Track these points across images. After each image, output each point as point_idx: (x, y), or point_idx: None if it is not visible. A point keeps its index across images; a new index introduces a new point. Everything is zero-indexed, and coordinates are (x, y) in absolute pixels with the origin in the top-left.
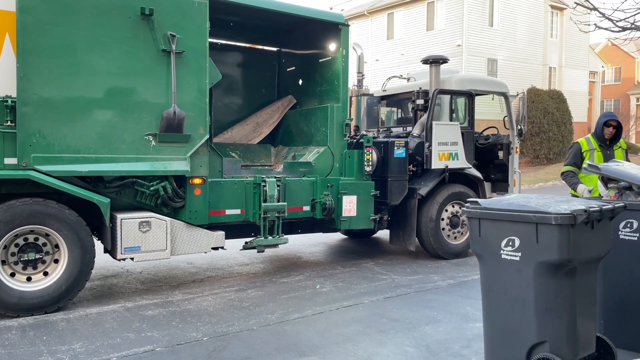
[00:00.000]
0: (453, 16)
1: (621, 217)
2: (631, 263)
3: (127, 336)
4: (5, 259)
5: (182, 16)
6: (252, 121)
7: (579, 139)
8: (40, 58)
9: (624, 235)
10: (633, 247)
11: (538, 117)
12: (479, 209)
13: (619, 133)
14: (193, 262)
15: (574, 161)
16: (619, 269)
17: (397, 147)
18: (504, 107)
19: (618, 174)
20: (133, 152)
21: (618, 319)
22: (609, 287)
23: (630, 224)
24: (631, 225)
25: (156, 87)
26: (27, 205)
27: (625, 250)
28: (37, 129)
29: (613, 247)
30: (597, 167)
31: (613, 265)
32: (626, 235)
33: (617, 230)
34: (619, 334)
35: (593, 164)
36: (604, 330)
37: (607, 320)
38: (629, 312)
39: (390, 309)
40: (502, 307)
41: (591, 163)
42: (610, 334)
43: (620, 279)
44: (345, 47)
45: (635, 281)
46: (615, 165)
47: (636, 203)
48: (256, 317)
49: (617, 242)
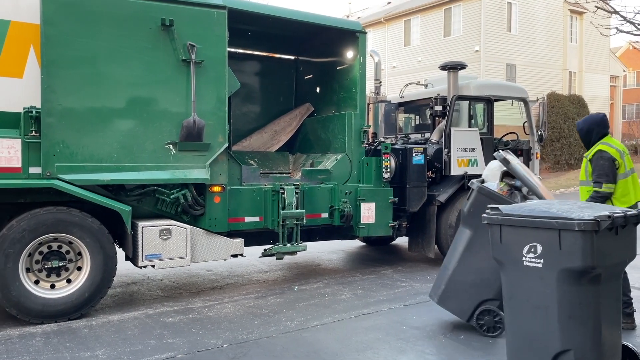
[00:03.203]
0: (470, 22)
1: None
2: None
3: (149, 343)
4: (30, 267)
5: (202, 26)
6: (270, 129)
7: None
8: (64, 69)
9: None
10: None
11: (558, 122)
12: (500, 215)
13: (584, 141)
14: (213, 270)
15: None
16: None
17: (416, 154)
18: (524, 112)
19: (519, 175)
20: (154, 160)
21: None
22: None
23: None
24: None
25: (176, 97)
26: (51, 213)
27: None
28: (60, 139)
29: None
30: (507, 160)
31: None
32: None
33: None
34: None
35: (507, 156)
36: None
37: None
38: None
39: (410, 316)
40: (524, 314)
41: (506, 154)
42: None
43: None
44: (362, 54)
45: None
46: (520, 166)
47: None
48: (275, 324)
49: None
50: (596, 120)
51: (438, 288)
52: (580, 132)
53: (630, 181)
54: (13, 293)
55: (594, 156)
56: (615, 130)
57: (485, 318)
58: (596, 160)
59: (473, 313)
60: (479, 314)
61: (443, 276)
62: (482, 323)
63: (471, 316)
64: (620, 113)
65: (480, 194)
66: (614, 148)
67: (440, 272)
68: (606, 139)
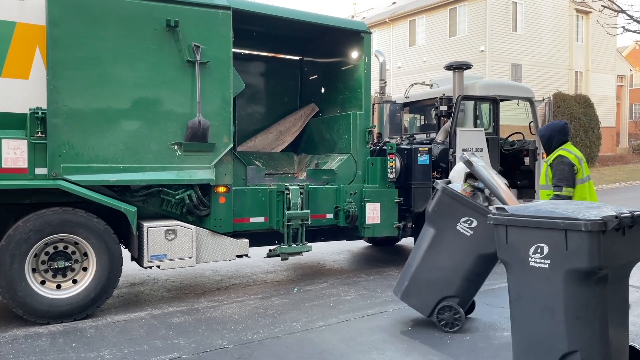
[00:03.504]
0: (475, 22)
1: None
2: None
3: (154, 343)
4: (36, 267)
5: (206, 27)
6: (275, 130)
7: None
8: (69, 70)
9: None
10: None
11: None
12: (505, 215)
13: (545, 146)
14: (218, 270)
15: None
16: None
17: (421, 154)
18: (530, 112)
19: (481, 177)
20: (159, 161)
21: None
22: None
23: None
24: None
25: (181, 97)
26: (57, 214)
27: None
28: (66, 140)
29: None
30: (470, 162)
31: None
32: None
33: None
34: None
35: (470, 159)
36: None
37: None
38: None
39: (415, 317)
40: (531, 315)
41: (470, 156)
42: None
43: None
44: (367, 54)
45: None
46: (483, 168)
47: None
48: (281, 324)
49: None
50: (557, 127)
51: (402, 284)
52: (542, 138)
53: (587, 187)
54: (19, 293)
55: (554, 161)
56: (622, 130)
57: (445, 314)
58: (556, 165)
59: (434, 309)
60: (439, 310)
61: (407, 273)
62: (442, 319)
63: (432, 312)
64: (627, 113)
65: (444, 194)
66: (573, 154)
67: (404, 269)
68: (566, 146)
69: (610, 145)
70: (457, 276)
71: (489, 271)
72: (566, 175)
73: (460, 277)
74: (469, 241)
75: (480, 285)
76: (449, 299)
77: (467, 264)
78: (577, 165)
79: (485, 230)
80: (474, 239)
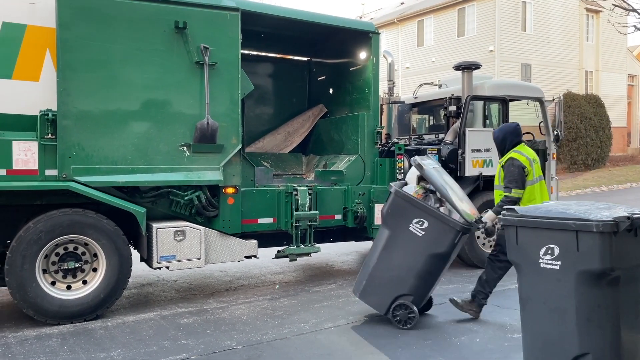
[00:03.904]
0: (484, 22)
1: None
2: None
3: (163, 344)
4: (47, 268)
5: (215, 29)
6: (283, 130)
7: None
8: (79, 72)
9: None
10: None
11: (575, 122)
12: (516, 216)
13: (499, 148)
14: (226, 271)
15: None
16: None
17: (430, 155)
18: (540, 112)
19: (432, 180)
20: (168, 162)
21: None
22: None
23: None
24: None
25: (190, 99)
26: (67, 215)
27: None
28: (76, 141)
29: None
30: (421, 165)
31: None
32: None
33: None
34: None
35: (421, 162)
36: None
37: None
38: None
39: (425, 319)
40: (541, 317)
41: (422, 160)
42: None
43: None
44: (375, 55)
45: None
46: (435, 171)
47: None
48: (289, 326)
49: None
50: (510, 129)
51: (360, 284)
52: (495, 140)
53: (538, 187)
54: (30, 294)
55: (506, 163)
56: (633, 130)
57: (400, 312)
58: (507, 167)
59: (389, 307)
60: (394, 308)
61: (364, 272)
62: (397, 316)
63: (388, 310)
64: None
65: (397, 197)
66: (525, 156)
67: (362, 269)
68: (519, 147)
69: (622, 145)
70: (410, 275)
71: (441, 270)
72: (516, 178)
73: (413, 276)
74: (420, 241)
75: (433, 284)
76: (403, 297)
77: (419, 263)
78: (528, 167)
79: (436, 231)
80: (425, 239)
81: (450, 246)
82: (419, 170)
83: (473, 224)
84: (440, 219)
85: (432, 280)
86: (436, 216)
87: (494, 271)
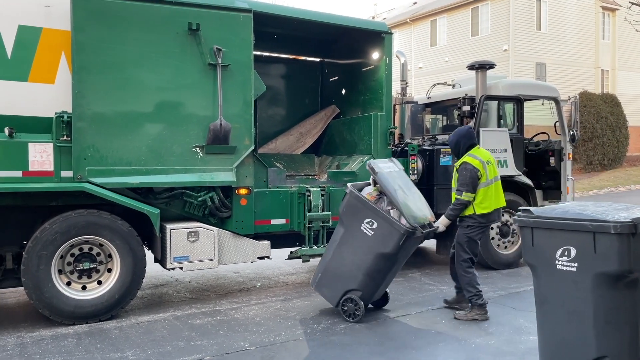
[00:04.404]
0: (498, 21)
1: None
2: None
3: (177, 344)
4: (62, 268)
5: (228, 30)
6: (296, 131)
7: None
8: (94, 75)
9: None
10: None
11: (591, 121)
12: (531, 217)
13: (454, 152)
14: (239, 272)
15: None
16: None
17: (443, 155)
18: (555, 112)
19: (382, 183)
20: (181, 163)
21: None
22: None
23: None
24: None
25: (203, 100)
26: (82, 216)
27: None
28: (91, 143)
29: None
30: (373, 169)
31: None
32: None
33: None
34: None
35: (374, 166)
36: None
37: None
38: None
39: (439, 320)
40: (558, 320)
41: (376, 163)
42: None
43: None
44: (388, 55)
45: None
46: (389, 175)
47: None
48: (303, 327)
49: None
50: (462, 133)
51: (316, 276)
52: (450, 144)
53: (493, 188)
54: (46, 294)
55: (460, 167)
56: None
57: (348, 305)
58: (461, 171)
59: (339, 300)
60: (343, 301)
61: (321, 265)
62: (345, 309)
63: (338, 303)
64: None
65: (351, 197)
66: (478, 159)
67: (319, 262)
68: (473, 151)
69: (639, 144)
70: (359, 272)
71: (389, 269)
72: (467, 181)
73: (362, 273)
74: (370, 240)
75: (382, 281)
76: (352, 292)
77: (368, 262)
78: (482, 169)
79: (383, 232)
80: (374, 238)
81: (396, 247)
82: (372, 173)
83: (418, 228)
84: (387, 221)
85: (380, 278)
86: (384, 218)
87: (466, 272)
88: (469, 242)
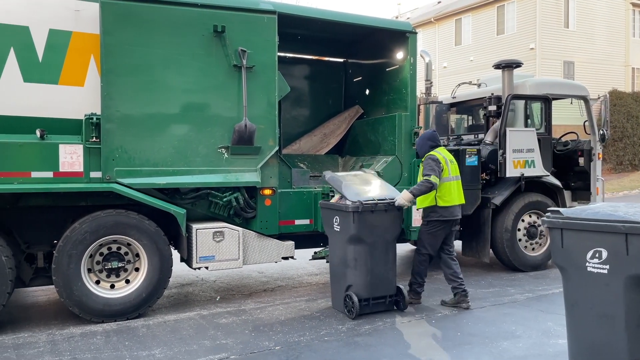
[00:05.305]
0: (525, 19)
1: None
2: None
3: (203, 343)
4: (91, 267)
5: (252, 32)
6: (319, 132)
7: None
8: (122, 77)
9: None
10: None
11: (621, 121)
12: (561, 218)
13: (420, 153)
14: (264, 272)
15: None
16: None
17: (469, 155)
18: (584, 111)
19: (331, 183)
20: (207, 164)
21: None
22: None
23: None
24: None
25: (228, 102)
26: (111, 216)
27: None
28: (119, 144)
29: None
30: (324, 175)
31: None
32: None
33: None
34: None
35: (326, 173)
36: None
37: None
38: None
39: (465, 322)
40: (588, 323)
41: (327, 173)
42: None
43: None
44: (412, 55)
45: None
46: (337, 175)
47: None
48: (327, 327)
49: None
50: (427, 135)
51: (332, 294)
52: (416, 146)
53: (455, 185)
54: (75, 293)
55: (425, 160)
56: None
57: (347, 302)
58: (426, 161)
59: (343, 301)
60: (344, 301)
61: (331, 282)
62: (346, 306)
63: (341, 304)
64: None
65: (322, 208)
66: (441, 155)
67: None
68: (437, 149)
69: None
70: (344, 266)
71: (363, 255)
72: (433, 167)
73: (346, 267)
74: (339, 234)
75: (364, 269)
76: (348, 289)
77: (344, 253)
78: (443, 163)
79: (343, 219)
80: (341, 231)
81: (353, 227)
82: (325, 179)
83: (360, 204)
84: (340, 209)
85: (360, 266)
86: (337, 208)
87: (420, 264)
88: (429, 239)
